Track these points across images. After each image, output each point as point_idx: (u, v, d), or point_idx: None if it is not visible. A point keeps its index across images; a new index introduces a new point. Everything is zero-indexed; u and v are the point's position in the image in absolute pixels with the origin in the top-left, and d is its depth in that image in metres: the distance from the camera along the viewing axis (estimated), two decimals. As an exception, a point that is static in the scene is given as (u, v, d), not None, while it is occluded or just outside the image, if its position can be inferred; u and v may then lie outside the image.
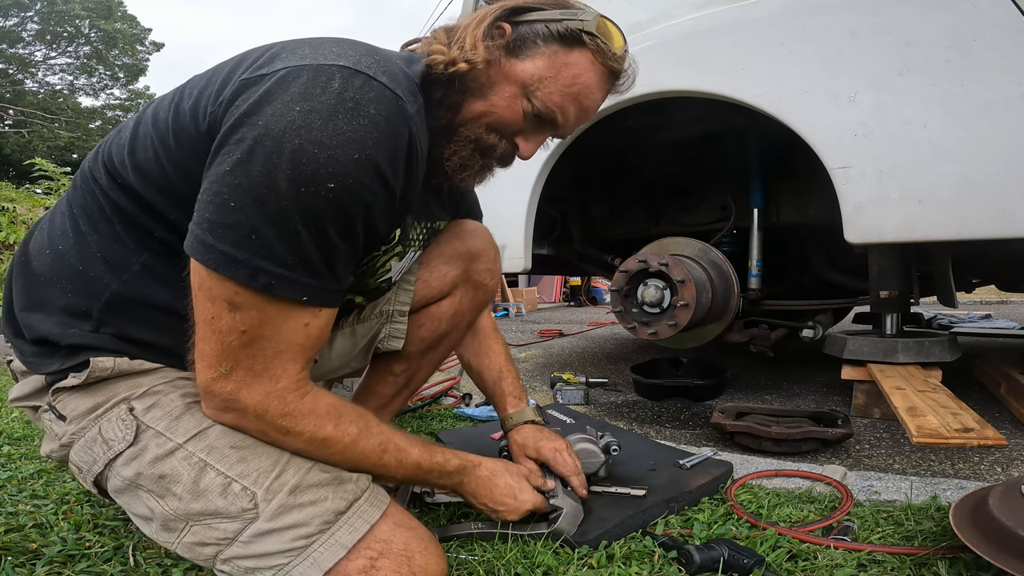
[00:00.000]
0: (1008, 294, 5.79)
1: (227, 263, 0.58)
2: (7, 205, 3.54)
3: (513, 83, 0.74)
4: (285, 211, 0.58)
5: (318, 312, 0.65)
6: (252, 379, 0.64)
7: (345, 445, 0.69)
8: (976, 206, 1.21)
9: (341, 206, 0.60)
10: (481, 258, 1.04)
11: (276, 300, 0.61)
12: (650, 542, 0.83)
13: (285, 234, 0.58)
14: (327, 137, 0.57)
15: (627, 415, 1.80)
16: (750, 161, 1.96)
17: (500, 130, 0.77)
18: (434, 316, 1.04)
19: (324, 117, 0.57)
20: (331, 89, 0.59)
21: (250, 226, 0.58)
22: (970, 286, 2.57)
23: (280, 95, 0.58)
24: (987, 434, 0.99)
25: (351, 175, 0.59)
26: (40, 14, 17.47)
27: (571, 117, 0.78)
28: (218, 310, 0.61)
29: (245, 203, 0.57)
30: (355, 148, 0.58)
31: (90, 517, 0.90)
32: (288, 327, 0.63)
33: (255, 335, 0.62)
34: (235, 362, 0.63)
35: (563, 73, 0.74)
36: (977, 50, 1.19)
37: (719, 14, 1.53)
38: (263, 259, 0.59)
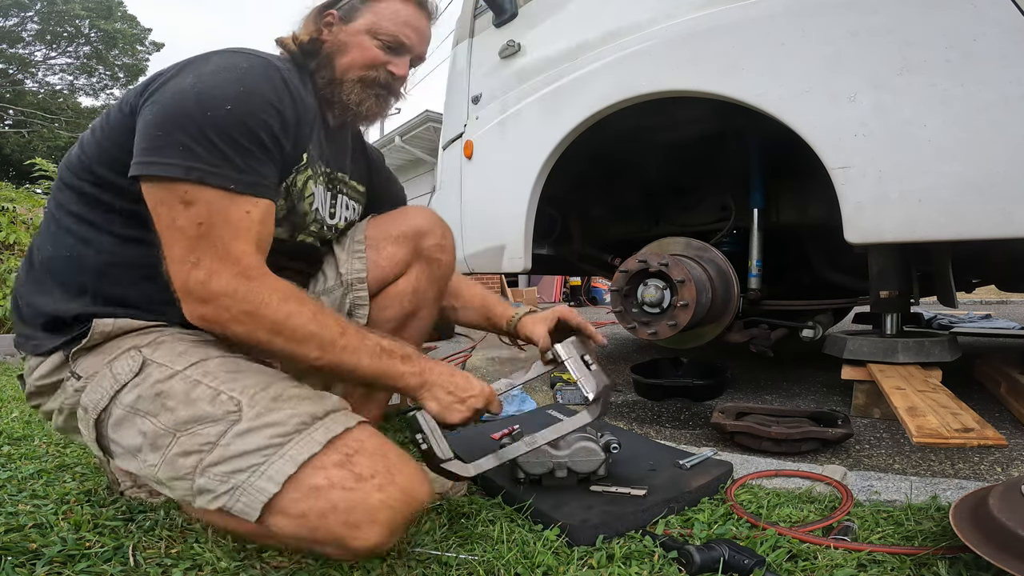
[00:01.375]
0: (1008, 294, 5.78)
1: (167, 168, 0.75)
2: (7, 205, 3.54)
3: (360, 35, 0.98)
4: (201, 128, 0.76)
5: (255, 201, 0.79)
6: (218, 264, 0.75)
7: (308, 317, 0.78)
8: (976, 206, 1.21)
9: (241, 121, 0.78)
10: (428, 234, 1.11)
11: (214, 190, 0.76)
12: (650, 542, 0.83)
13: (205, 143, 0.76)
14: (217, 80, 0.79)
15: (627, 415, 1.80)
16: (750, 161, 1.96)
17: (374, 66, 1.00)
18: (394, 296, 1.10)
19: (212, 72, 0.80)
20: (212, 60, 0.82)
21: (177, 142, 0.75)
22: (970, 286, 2.57)
23: (178, 75, 0.80)
24: (987, 434, 0.99)
25: (242, 99, 0.79)
26: (40, 14, 17.45)
27: (412, 36, 1.01)
28: (175, 212, 0.75)
29: (169, 129, 0.76)
30: (239, 84, 0.80)
31: (90, 517, 0.90)
32: (233, 213, 0.77)
33: (209, 224, 0.75)
34: (200, 251, 0.75)
35: (386, 13, 0.99)
36: (977, 50, 1.19)
37: (719, 14, 1.53)
38: (193, 161, 0.75)
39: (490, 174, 2.21)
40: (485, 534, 0.87)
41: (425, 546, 0.83)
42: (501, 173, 2.13)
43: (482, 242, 2.20)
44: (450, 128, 2.51)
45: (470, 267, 2.30)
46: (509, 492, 0.99)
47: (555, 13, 2.01)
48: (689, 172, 2.22)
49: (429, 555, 0.80)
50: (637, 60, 1.68)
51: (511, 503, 0.98)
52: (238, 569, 0.77)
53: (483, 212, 2.24)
